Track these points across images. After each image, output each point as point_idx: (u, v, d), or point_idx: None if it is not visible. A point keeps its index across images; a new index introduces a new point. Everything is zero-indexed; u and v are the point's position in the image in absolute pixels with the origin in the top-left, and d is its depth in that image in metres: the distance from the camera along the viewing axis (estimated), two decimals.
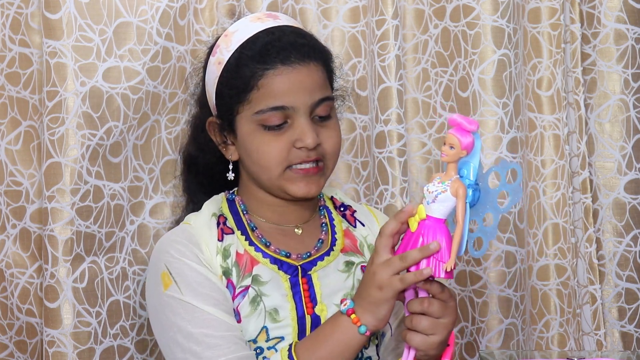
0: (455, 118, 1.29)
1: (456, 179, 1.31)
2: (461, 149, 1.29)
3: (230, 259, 1.51)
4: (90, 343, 1.72)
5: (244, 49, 1.52)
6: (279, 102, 1.49)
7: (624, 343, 2.04)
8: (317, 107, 1.51)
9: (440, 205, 1.31)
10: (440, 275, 1.32)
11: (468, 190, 1.31)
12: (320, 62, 1.53)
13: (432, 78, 1.99)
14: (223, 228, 1.55)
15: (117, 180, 1.77)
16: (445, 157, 1.31)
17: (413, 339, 1.36)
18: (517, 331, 1.97)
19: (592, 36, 2.04)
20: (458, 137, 1.29)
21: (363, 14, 1.94)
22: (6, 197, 1.77)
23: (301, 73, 1.50)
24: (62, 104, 1.70)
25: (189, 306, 1.46)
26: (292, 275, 1.52)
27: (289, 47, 1.50)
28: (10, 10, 1.75)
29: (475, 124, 1.30)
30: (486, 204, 1.32)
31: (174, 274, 1.48)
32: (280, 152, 1.50)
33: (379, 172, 1.93)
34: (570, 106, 2.02)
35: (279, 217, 1.58)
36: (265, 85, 1.49)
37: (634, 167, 2.04)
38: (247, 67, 1.50)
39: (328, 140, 1.53)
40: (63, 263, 1.70)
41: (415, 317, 1.36)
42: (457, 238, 1.30)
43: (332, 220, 1.62)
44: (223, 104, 1.55)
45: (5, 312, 1.79)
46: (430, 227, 1.32)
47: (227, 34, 1.55)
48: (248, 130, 1.52)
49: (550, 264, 2.02)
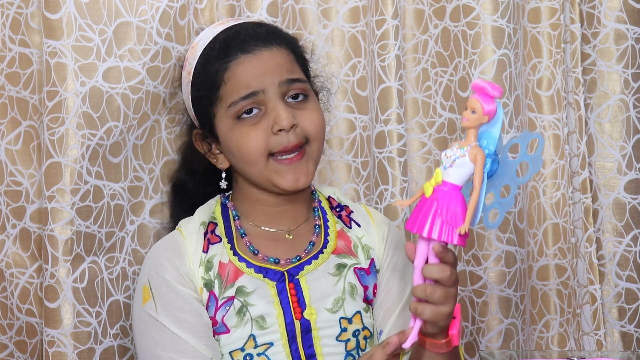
0: (478, 83, 1.26)
1: (475, 145, 1.27)
2: (483, 114, 1.26)
3: (212, 271, 1.52)
4: (90, 343, 1.72)
5: (206, 51, 1.56)
6: (249, 89, 1.50)
7: (624, 343, 2.04)
8: (290, 88, 1.52)
9: (458, 170, 1.27)
10: (454, 241, 1.27)
11: (487, 160, 1.27)
12: (284, 46, 1.55)
13: (432, 78, 1.99)
14: (210, 237, 1.56)
15: (117, 180, 1.77)
16: (466, 121, 1.27)
17: (424, 310, 1.31)
18: (517, 331, 1.97)
19: (592, 36, 2.04)
20: (481, 102, 1.26)
21: (363, 14, 1.94)
22: (6, 197, 1.77)
23: (263, 56, 1.51)
24: (62, 104, 1.70)
25: (160, 326, 1.49)
26: (278, 282, 1.52)
27: (248, 37, 1.53)
28: (10, 10, 1.75)
29: (499, 90, 1.26)
30: (504, 176, 1.28)
31: (154, 291, 1.51)
32: (260, 141, 1.50)
33: (379, 172, 1.93)
34: (570, 106, 2.02)
35: (271, 219, 1.58)
36: (232, 77, 1.51)
37: (634, 167, 2.04)
38: (211, 65, 1.53)
39: (306, 120, 1.52)
40: (63, 263, 1.70)
41: (429, 287, 1.31)
42: (473, 202, 1.26)
43: (327, 221, 1.61)
44: (200, 110, 1.57)
45: (5, 312, 1.78)
46: (446, 193, 1.28)
47: (193, 45, 1.61)
48: (226, 129, 1.53)
49: (550, 264, 2.02)
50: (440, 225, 1.28)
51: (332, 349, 1.53)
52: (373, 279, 1.59)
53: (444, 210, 1.28)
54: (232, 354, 1.51)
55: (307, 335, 1.51)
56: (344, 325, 1.54)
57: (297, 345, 1.51)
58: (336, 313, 1.54)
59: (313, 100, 1.56)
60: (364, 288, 1.57)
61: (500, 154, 1.29)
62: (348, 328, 1.54)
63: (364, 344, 1.56)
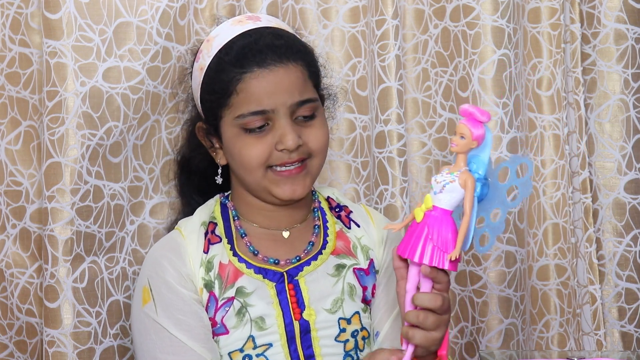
0: (467, 108, 1.27)
1: (465, 170, 1.28)
2: (472, 139, 1.27)
3: (213, 271, 1.52)
4: (90, 343, 1.72)
5: (221, 54, 1.53)
6: (259, 107, 1.49)
7: (624, 343, 2.04)
8: (299, 108, 1.51)
9: (448, 195, 1.28)
10: (444, 266, 1.28)
11: (477, 184, 1.28)
12: (300, 62, 1.53)
13: (432, 78, 1.99)
14: (210, 238, 1.55)
15: (117, 180, 1.77)
16: (455, 147, 1.28)
17: (415, 335, 1.32)
18: (517, 331, 1.97)
19: (592, 36, 2.04)
20: (469, 127, 1.27)
21: (363, 14, 1.94)
22: (6, 197, 1.77)
23: (278, 74, 1.50)
24: (62, 104, 1.70)
25: (160, 328, 1.48)
26: (277, 282, 1.52)
27: (265, 49, 1.50)
28: (10, 10, 1.75)
29: (487, 115, 1.27)
30: (494, 200, 1.30)
31: (154, 292, 1.50)
32: (262, 154, 1.50)
33: (379, 172, 1.93)
34: (570, 106, 2.02)
35: (270, 221, 1.58)
36: (244, 90, 1.49)
37: (634, 167, 2.04)
38: (225, 72, 1.51)
39: (312, 139, 1.52)
40: (63, 263, 1.70)
41: (422, 314, 1.32)
42: (464, 228, 1.27)
43: (326, 222, 1.61)
44: (207, 109, 1.56)
45: (5, 312, 1.79)
46: (436, 218, 1.29)
47: (209, 39, 1.57)
48: (231, 134, 1.53)
49: (550, 264, 2.02)
50: (432, 250, 1.30)
51: (331, 350, 1.53)
52: (372, 280, 1.59)
53: (435, 235, 1.29)
54: (231, 355, 1.51)
55: (306, 335, 1.51)
56: (343, 325, 1.54)
57: (296, 346, 1.51)
58: (335, 313, 1.54)
59: (320, 115, 1.55)
60: (363, 288, 1.57)
61: (490, 178, 1.31)
62: (347, 328, 1.54)
63: (362, 344, 1.56)
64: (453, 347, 2.00)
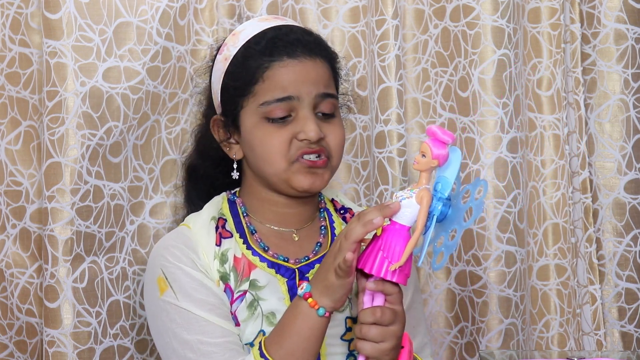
0: (431, 128, 1.31)
1: (425, 188, 1.32)
2: (432, 158, 1.30)
3: (227, 264, 1.52)
4: (90, 343, 1.72)
5: (251, 43, 1.55)
6: (284, 93, 1.50)
7: (624, 343, 2.04)
8: (322, 101, 1.52)
9: (404, 210, 1.32)
10: (387, 276, 1.32)
11: (437, 204, 1.32)
12: (326, 61, 1.56)
13: (432, 78, 1.99)
14: (222, 232, 1.55)
15: (117, 180, 1.77)
16: (415, 164, 1.32)
17: (363, 347, 1.36)
18: (517, 331, 1.97)
19: (592, 36, 2.04)
20: (430, 147, 1.31)
21: (363, 14, 1.94)
22: (6, 197, 1.77)
23: (307, 65, 1.52)
24: (62, 104, 1.70)
25: (184, 312, 1.47)
26: (289, 279, 1.52)
27: (296, 42, 1.53)
28: (10, 10, 1.75)
29: (450, 136, 1.31)
30: (454, 220, 1.32)
31: (170, 279, 1.49)
32: (283, 144, 1.50)
33: (379, 172, 1.93)
34: (570, 106, 2.02)
35: (279, 219, 1.58)
36: (271, 77, 1.51)
37: (634, 167, 2.04)
38: (254, 59, 1.52)
39: (331, 135, 1.53)
40: (63, 263, 1.70)
41: (364, 326, 1.36)
42: (413, 242, 1.31)
43: (332, 222, 1.62)
44: (228, 99, 1.56)
45: (5, 312, 1.79)
46: (392, 232, 1.33)
47: (235, 33, 1.58)
48: (252, 124, 1.53)
49: (550, 264, 2.02)
50: (380, 261, 1.33)
51: (336, 349, 1.53)
52: None
53: (386, 247, 1.33)
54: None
55: None
56: (349, 324, 1.54)
57: None
58: (343, 312, 1.54)
59: (339, 116, 1.57)
60: None
61: (453, 199, 1.33)
62: (353, 328, 1.54)
63: None
64: (453, 347, 2.00)
